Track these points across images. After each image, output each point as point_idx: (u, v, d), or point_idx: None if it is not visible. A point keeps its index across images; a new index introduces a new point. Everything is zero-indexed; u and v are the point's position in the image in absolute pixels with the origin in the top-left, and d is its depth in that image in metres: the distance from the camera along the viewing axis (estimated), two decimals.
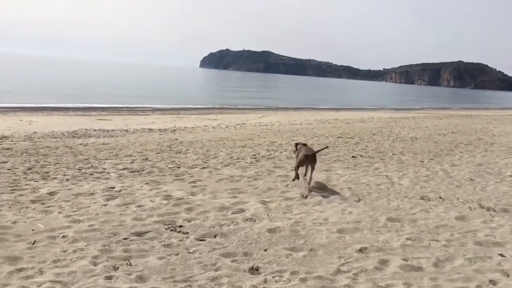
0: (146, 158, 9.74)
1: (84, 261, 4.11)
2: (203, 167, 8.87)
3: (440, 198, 6.83)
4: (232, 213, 5.79)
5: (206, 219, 5.47)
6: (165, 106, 31.07)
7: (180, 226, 5.18)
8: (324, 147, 7.86)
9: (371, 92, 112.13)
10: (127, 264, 4.09)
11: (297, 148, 7.74)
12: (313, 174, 7.19)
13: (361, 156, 10.70)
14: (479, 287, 3.91)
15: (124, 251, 4.36)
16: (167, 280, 3.84)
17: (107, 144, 11.94)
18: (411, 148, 12.22)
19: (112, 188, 6.92)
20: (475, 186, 7.76)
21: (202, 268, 4.06)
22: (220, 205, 6.12)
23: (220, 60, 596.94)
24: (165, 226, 5.13)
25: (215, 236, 4.87)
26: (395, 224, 5.46)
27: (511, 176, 8.76)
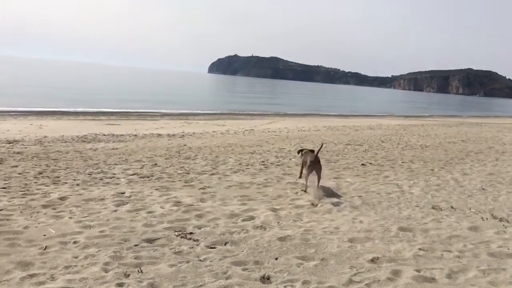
0: (156, 164, 9.76)
1: (95, 267, 4.11)
2: (212, 173, 8.86)
3: (451, 207, 6.76)
4: (242, 220, 5.76)
5: (216, 226, 5.46)
6: (173, 111, 31.20)
7: (191, 233, 5.16)
8: (320, 146, 7.76)
9: (379, 99, 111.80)
10: (138, 271, 4.08)
11: (303, 155, 7.84)
12: (321, 181, 7.36)
13: (371, 164, 10.64)
14: None
15: (135, 258, 4.35)
16: None
17: (117, 149, 12.00)
18: (421, 156, 12.13)
19: (122, 193, 6.94)
20: (487, 196, 7.68)
21: (213, 277, 4.04)
22: (230, 212, 6.10)
23: (228, 65, 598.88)
24: (176, 233, 5.12)
25: (225, 244, 4.85)
26: (407, 234, 5.41)
27: None
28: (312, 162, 7.22)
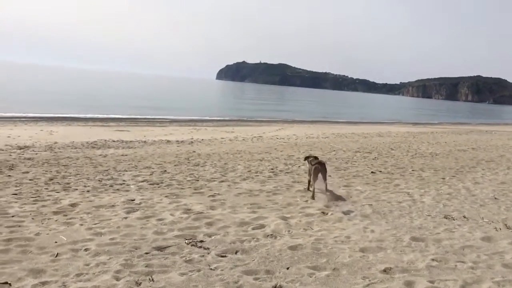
0: (165, 171, 9.77)
1: (106, 275, 4.10)
2: (222, 181, 8.85)
3: (464, 217, 6.68)
4: (253, 228, 5.74)
5: (226, 235, 5.43)
6: (182, 117, 31.31)
7: (201, 241, 5.14)
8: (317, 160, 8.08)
9: (387, 106, 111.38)
10: (149, 279, 4.06)
11: (309, 162, 8.14)
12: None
13: (380, 172, 10.57)
14: None
15: (146, 266, 4.34)
16: None
17: (126, 155, 12.04)
18: (431, 165, 12.03)
19: (132, 200, 6.95)
20: (500, 206, 7.58)
21: (225, 286, 4.01)
22: (240, 220, 6.08)
23: (236, 72, 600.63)
24: (186, 241, 5.10)
25: (236, 253, 4.83)
26: (419, 244, 5.35)
27: None
28: (317, 168, 7.58)
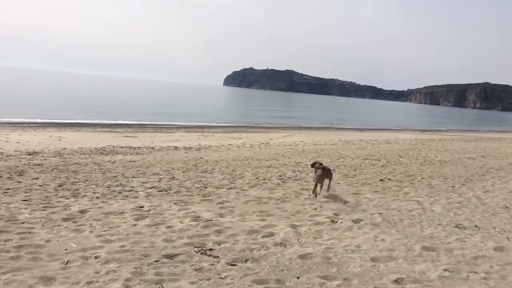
0: (173, 177, 9.78)
1: (117, 283, 4.09)
2: (230, 188, 8.84)
3: (475, 226, 6.60)
4: (262, 236, 5.70)
5: (236, 243, 5.41)
6: (189, 123, 31.40)
7: (211, 249, 5.12)
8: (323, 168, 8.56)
9: (395, 113, 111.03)
10: None
11: (315, 168, 8.63)
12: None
13: (389, 179, 10.50)
14: None
15: (156, 274, 4.32)
16: None
17: (134, 161, 12.08)
18: (440, 172, 11.94)
19: (141, 207, 6.95)
20: (511, 215, 7.49)
21: None
22: (249, 228, 6.05)
23: (243, 78, 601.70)
24: (196, 249, 5.08)
25: (246, 261, 4.80)
26: (430, 254, 5.28)
27: None
28: (323, 173, 8.19)
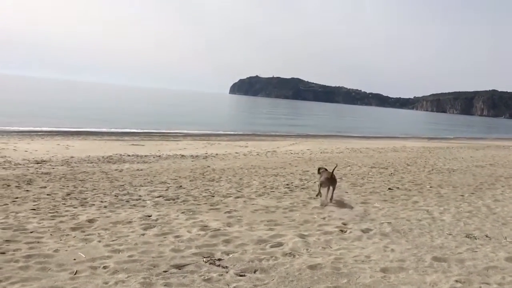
0: (180, 186, 9.78)
1: None
2: (237, 196, 8.81)
3: (486, 236, 6.52)
4: (271, 246, 5.66)
5: (244, 253, 5.37)
6: (196, 131, 31.48)
7: (219, 259, 5.09)
8: (334, 167, 9.01)
9: (402, 120, 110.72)
10: None
11: (320, 172, 8.97)
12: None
13: (398, 188, 10.43)
14: None
15: (165, 285, 4.29)
16: None
17: (141, 170, 12.10)
18: (449, 181, 11.83)
19: (149, 216, 6.93)
20: None
21: None
22: (258, 237, 6.01)
23: (249, 86, 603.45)
24: (204, 259, 5.05)
25: (255, 272, 4.75)
26: (441, 264, 5.21)
27: None
28: (328, 179, 8.35)
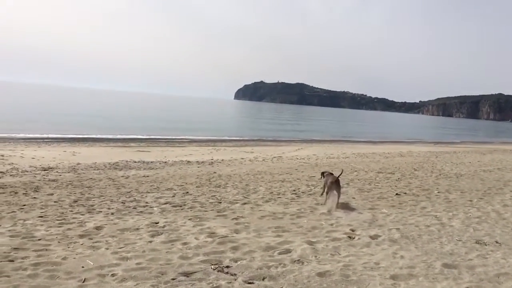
0: (187, 192, 9.77)
1: None
2: (244, 203, 8.78)
3: (496, 242, 6.45)
4: (279, 253, 5.62)
5: (252, 260, 5.33)
6: (201, 137, 31.51)
7: (227, 266, 5.06)
8: (340, 172, 9.10)
9: (407, 125, 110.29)
10: None
11: (324, 176, 9.21)
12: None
13: (405, 193, 10.36)
14: None
15: None
16: None
17: (148, 176, 12.11)
18: (457, 186, 11.74)
19: (156, 223, 6.92)
20: None
21: None
22: (266, 244, 5.97)
23: (254, 92, 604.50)
24: (212, 266, 5.02)
25: (263, 279, 4.72)
26: (452, 271, 5.15)
27: None
28: (332, 183, 8.54)
